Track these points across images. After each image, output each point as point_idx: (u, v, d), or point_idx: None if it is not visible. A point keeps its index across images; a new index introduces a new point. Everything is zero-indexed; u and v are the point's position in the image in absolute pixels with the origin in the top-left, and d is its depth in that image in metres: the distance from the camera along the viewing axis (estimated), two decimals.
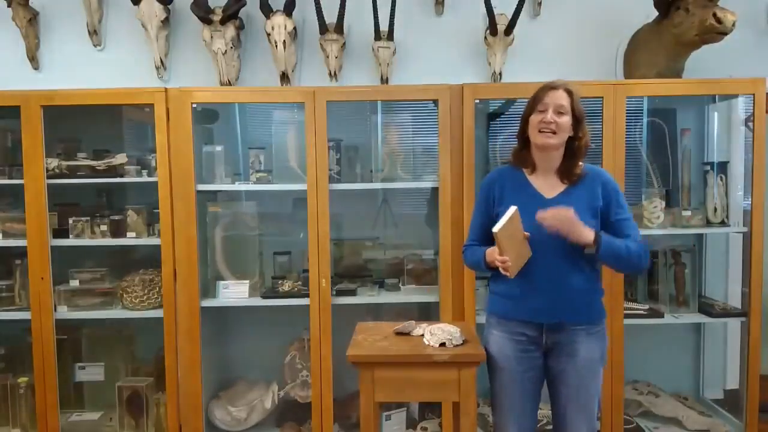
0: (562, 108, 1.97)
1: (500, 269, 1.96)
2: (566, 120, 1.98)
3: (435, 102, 2.79)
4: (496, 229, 1.88)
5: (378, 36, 3.01)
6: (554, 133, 1.97)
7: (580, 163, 2.06)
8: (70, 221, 2.87)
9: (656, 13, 2.88)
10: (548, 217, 1.90)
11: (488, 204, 2.12)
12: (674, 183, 3.11)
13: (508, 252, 1.92)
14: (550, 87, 2.00)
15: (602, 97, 2.73)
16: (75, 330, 3.08)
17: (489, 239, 2.00)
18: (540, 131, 1.98)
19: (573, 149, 2.04)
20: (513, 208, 1.91)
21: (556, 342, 2.02)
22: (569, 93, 1.99)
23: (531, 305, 2.01)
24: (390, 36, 3.02)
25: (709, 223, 2.97)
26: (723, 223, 2.96)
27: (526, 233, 1.95)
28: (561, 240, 1.93)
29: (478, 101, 2.79)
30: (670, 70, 2.92)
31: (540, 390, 2.11)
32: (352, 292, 2.95)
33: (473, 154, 2.76)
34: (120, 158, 2.91)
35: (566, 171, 2.05)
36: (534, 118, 2.00)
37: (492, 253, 1.98)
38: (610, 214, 2.03)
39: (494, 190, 2.09)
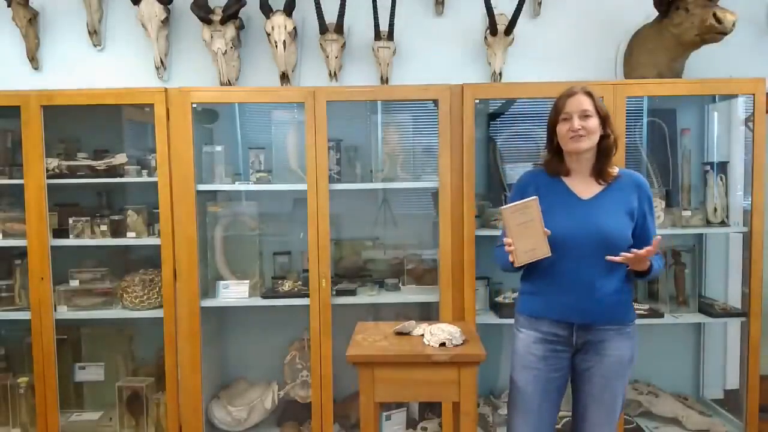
0: (587, 111, 1.98)
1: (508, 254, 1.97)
2: (594, 122, 1.99)
3: (435, 102, 2.79)
4: (503, 207, 1.91)
5: (378, 36, 3.00)
6: (584, 136, 1.98)
7: (615, 167, 2.07)
8: (70, 221, 2.87)
9: (656, 13, 2.88)
10: (629, 259, 1.93)
11: None
12: (674, 183, 3.11)
13: (514, 237, 1.93)
14: (568, 94, 2.02)
15: (602, 97, 2.67)
16: (75, 330, 3.08)
17: None
18: (571, 138, 1.99)
19: (604, 148, 2.04)
20: (532, 198, 1.92)
21: (585, 341, 2.02)
22: (589, 95, 2.01)
23: (562, 303, 2.00)
24: (390, 36, 3.02)
25: (709, 223, 2.97)
26: (723, 223, 2.96)
27: (547, 230, 1.93)
28: (595, 242, 1.94)
29: (478, 101, 2.78)
30: (670, 70, 2.92)
31: (562, 395, 2.09)
32: (352, 292, 2.95)
33: (473, 154, 2.75)
34: (120, 158, 2.91)
35: (601, 171, 2.04)
36: (561, 128, 2.01)
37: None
38: (644, 222, 2.04)
39: (529, 192, 2.05)
